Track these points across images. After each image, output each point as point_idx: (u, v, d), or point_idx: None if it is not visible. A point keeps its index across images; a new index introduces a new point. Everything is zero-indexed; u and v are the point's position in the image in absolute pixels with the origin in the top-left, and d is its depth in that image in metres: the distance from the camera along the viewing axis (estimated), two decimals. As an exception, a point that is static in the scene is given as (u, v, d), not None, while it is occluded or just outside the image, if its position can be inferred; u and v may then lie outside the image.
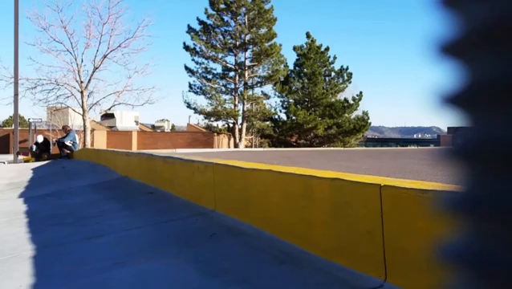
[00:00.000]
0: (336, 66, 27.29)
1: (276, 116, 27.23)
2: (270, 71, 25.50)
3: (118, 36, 19.93)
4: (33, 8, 20.68)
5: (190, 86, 25.68)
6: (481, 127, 0.29)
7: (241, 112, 25.56)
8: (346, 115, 26.28)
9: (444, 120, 0.31)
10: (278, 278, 2.16)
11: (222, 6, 24.78)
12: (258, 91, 26.77)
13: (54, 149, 14.68)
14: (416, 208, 1.81)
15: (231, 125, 26.11)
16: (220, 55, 25.29)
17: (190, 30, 24.94)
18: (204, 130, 29.21)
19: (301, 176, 2.57)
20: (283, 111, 27.24)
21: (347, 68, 27.04)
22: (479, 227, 0.29)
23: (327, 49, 27.03)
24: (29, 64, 44.95)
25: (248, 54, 25.60)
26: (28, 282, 2.37)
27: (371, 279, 1.96)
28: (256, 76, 26.08)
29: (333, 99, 26.52)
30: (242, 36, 25.09)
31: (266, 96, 26.29)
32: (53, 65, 23.67)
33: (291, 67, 27.23)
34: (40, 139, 14.98)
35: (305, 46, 26.78)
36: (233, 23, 25.22)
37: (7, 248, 3.17)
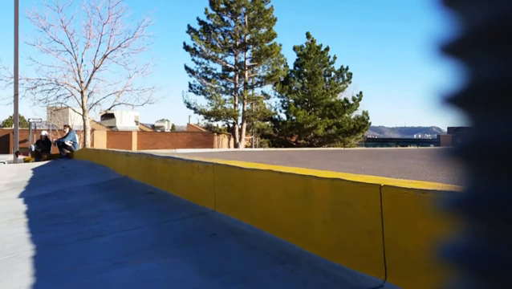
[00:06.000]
0: (336, 66, 27.29)
1: (276, 116, 27.23)
2: (270, 71, 25.48)
3: (118, 36, 19.93)
4: (33, 8, 20.68)
5: (190, 86, 25.68)
6: (481, 127, 0.29)
7: (241, 112, 25.55)
8: (346, 115, 26.26)
9: (444, 120, 0.31)
10: (278, 278, 2.16)
11: (222, 6, 24.77)
12: (258, 91, 26.77)
13: (54, 149, 14.68)
14: (416, 208, 1.81)
15: (231, 125, 26.10)
16: (220, 55, 25.29)
17: (190, 30, 24.94)
18: (204, 130, 29.19)
19: (301, 176, 2.57)
20: (283, 111, 27.24)
21: (347, 68, 27.04)
22: (479, 227, 0.29)
23: (327, 49, 27.01)
24: (29, 64, 45.00)
25: (248, 54, 25.59)
26: (28, 283, 2.37)
27: (371, 279, 1.96)
28: (256, 76, 26.07)
29: (333, 99, 26.50)
30: (242, 36, 25.09)
31: (266, 96, 26.28)
32: (53, 65, 23.64)
33: (291, 67, 27.24)
34: (44, 133, 15.05)
35: (305, 46, 26.77)
36: (233, 23, 25.22)
37: (7, 248, 3.17)
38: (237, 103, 25.45)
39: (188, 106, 25.44)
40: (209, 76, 25.51)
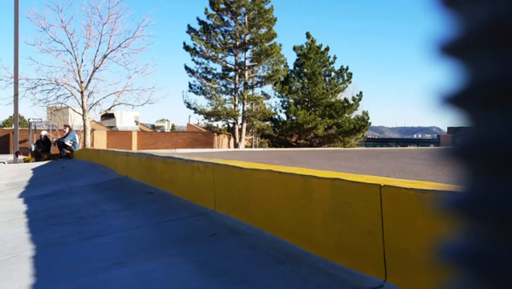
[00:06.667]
0: (336, 66, 27.30)
1: (276, 116, 27.23)
2: (270, 71, 25.48)
3: (118, 36, 19.94)
4: (33, 8, 20.69)
5: (190, 86, 25.68)
6: (481, 127, 0.29)
7: (241, 112, 25.55)
8: (346, 115, 26.26)
9: (444, 120, 0.31)
10: (278, 278, 2.16)
11: (222, 6, 24.76)
12: (258, 91, 26.78)
13: (54, 149, 14.67)
14: (416, 208, 1.81)
15: (231, 125, 26.10)
16: (220, 55, 25.29)
17: (190, 30, 24.93)
18: (204, 130, 29.19)
19: (301, 176, 2.57)
20: (283, 111, 27.24)
21: (347, 68, 27.04)
22: (479, 227, 0.29)
23: (327, 49, 27.01)
24: (29, 64, 45.01)
25: (248, 54, 25.59)
26: (28, 283, 2.37)
27: (371, 279, 1.96)
28: (256, 76, 26.07)
29: (333, 99, 26.50)
30: (242, 36, 25.08)
31: (266, 96, 26.28)
32: (53, 65, 23.67)
33: (291, 67, 27.24)
34: (44, 133, 15.06)
35: (305, 46, 26.77)
36: (233, 23, 25.22)
37: (7, 248, 3.17)
38: (237, 103, 25.45)
39: (188, 106, 25.44)
40: (209, 76, 25.51)
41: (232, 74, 25.68)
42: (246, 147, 26.73)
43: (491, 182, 0.28)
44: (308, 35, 27.00)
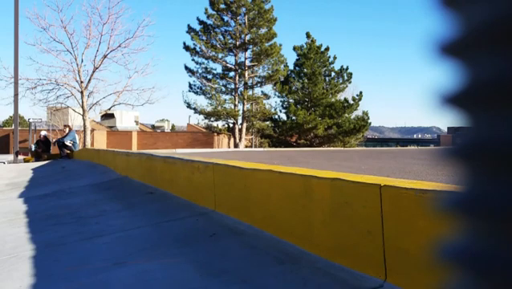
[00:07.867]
0: (336, 66, 27.30)
1: (276, 116, 27.23)
2: (270, 71, 25.48)
3: (118, 36, 19.96)
4: (33, 8, 20.71)
5: (190, 86, 25.68)
6: (481, 127, 0.29)
7: (241, 112, 25.55)
8: (346, 115, 26.26)
9: (444, 120, 0.31)
10: (278, 278, 2.16)
11: (222, 6, 24.76)
12: (258, 91, 26.79)
13: (54, 149, 14.67)
14: (416, 208, 1.81)
15: (231, 125, 26.10)
16: (220, 55, 25.29)
17: (190, 30, 24.93)
18: (204, 130, 29.18)
19: (301, 176, 2.57)
20: (283, 111, 27.24)
21: (347, 68, 27.04)
22: (479, 227, 0.29)
23: (327, 49, 27.01)
24: (29, 64, 44.99)
25: (248, 54, 25.59)
26: (28, 283, 2.37)
27: (371, 279, 1.96)
28: (256, 76, 26.07)
29: (333, 99, 26.51)
30: (242, 36, 25.08)
31: (266, 96, 26.28)
32: (53, 65, 23.67)
33: (291, 67, 27.25)
34: (43, 133, 15.05)
35: (305, 46, 26.77)
36: (233, 23, 25.22)
37: (7, 248, 3.17)
38: (237, 103, 25.45)
39: (188, 106, 25.44)
40: (209, 76, 25.51)
41: (232, 74, 25.68)
42: (246, 147, 26.73)
43: (491, 182, 0.28)
44: (308, 35, 27.00)
